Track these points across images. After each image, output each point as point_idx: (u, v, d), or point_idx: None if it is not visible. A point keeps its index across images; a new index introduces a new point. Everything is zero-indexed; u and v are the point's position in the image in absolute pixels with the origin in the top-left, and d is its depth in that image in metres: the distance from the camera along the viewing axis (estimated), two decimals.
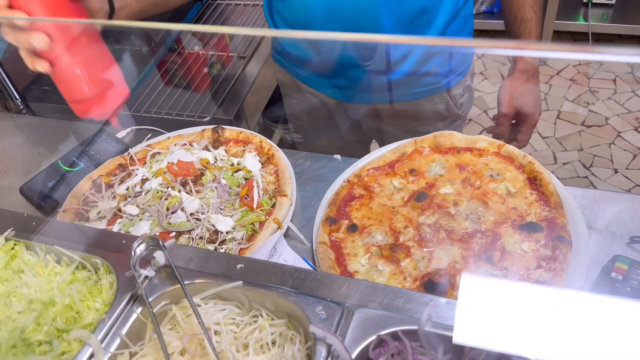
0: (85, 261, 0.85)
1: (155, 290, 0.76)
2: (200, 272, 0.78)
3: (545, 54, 1.07)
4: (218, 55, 1.81)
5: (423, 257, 1.04)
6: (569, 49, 0.59)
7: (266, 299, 0.75)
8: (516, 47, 0.74)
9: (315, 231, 1.13)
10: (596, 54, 0.61)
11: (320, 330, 0.66)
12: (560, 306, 0.68)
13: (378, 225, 1.11)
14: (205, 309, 0.75)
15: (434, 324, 0.68)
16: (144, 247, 0.77)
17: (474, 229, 1.05)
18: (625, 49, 0.54)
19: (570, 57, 0.63)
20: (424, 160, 1.22)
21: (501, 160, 1.17)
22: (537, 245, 1.01)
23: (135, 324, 0.74)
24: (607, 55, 0.61)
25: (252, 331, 0.73)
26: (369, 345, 0.67)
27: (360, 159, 1.26)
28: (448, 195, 1.13)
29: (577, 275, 0.95)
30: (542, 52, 0.84)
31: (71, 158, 1.41)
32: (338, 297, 0.73)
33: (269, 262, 0.83)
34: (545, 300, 0.69)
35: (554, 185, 1.08)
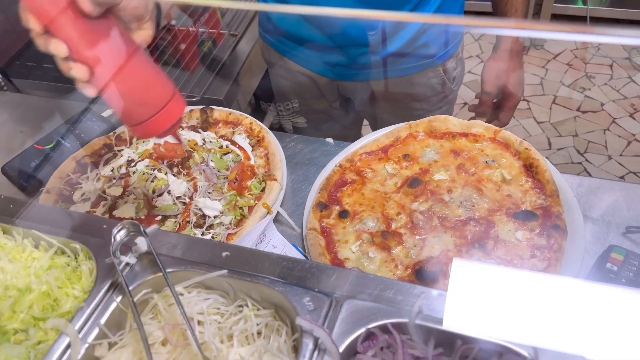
0: (64, 246, 0.82)
1: (136, 278, 0.73)
2: (184, 259, 0.75)
3: (543, 34, 1.03)
4: (209, 33, 1.75)
5: (415, 244, 1.01)
6: (567, 29, 0.56)
7: (252, 289, 0.72)
8: (515, 26, 0.71)
9: (306, 217, 1.10)
10: (595, 34, 0.58)
11: (308, 323, 0.63)
12: (551, 293, 0.66)
13: (370, 211, 1.08)
14: (188, 298, 0.72)
15: (424, 317, 0.66)
16: (125, 233, 0.74)
17: (468, 217, 1.03)
18: (624, 30, 0.51)
19: (567, 39, 0.60)
20: (418, 145, 1.19)
21: (497, 147, 1.14)
22: (532, 234, 0.98)
23: (115, 313, 0.71)
24: (606, 36, 0.58)
25: (237, 321, 0.71)
26: (357, 339, 0.65)
27: (353, 143, 1.23)
28: (442, 182, 1.10)
29: (571, 265, 0.93)
30: (541, 32, 0.81)
31: (55, 137, 1.36)
32: (326, 287, 0.70)
33: (255, 250, 0.80)
34: (536, 287, 0.67)
35: (550, 173, 1.05)
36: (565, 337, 0.63)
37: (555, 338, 0.63)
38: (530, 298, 0.65)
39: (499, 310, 0.64)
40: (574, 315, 0.64)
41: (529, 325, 0.64)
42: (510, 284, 0.67)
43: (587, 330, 0.63)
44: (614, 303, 0.66)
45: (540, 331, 0.63)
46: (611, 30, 0.52)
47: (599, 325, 0.63)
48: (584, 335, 0.63)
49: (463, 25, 0.98)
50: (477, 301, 0.64)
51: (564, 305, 0.64)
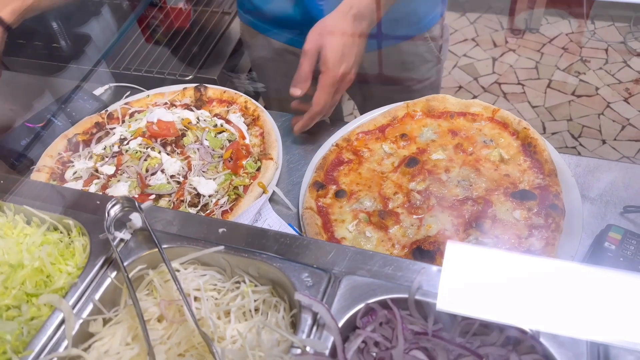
0: (57, 222, 0.80)
1: (131, 254, 0.72)
2: (180, 235, 0.73)
3: None
4: (202, 11, 1.72)
5: (412, 224, 1.00)
6: None
7: (249, 265, 0.71)
8: None
9: (302, 196, 1.08)
10: None
11: (306, 298, 0.62)
12: (543, 274, 0.66)
13: (367, 191, 1.07)
14: (184, 275, 0.71)
15: (424, 293, 0.65)
16: (119, 208, 0.72)
17: (465, 196, 1.02)
18: None
19: None
20: (415, 125, 1.18)
21: (495, 126, 1.13)
22: (530, 213, 0.98)
23: (110, 289, 0.70)
24: None
25: (234, 298, 0.70)
26: (356, 314, 0.64)
27: (350, 122, 1.22)
28: (439, 161, 1.09)
29: (569, 245, 0.93)
30: None
31: (45, 115, 1.34)
32: (325, 264, 0.70)
33: (252, 227, 0.79)
34: (528, 268, 0.66)
35: (548, 153, 1.05)
36: (562, 317, 0.63)
37: (550, 319, 0.62)
38: (522, 279, 0.64)
39: (493, 291, 0.63)
40: (567, 295, 0.64)
41: (522, 306, 0.63)
42: (504, 266, 0.67)
43: (582, 310, 0.63)
44: (604, 283, 0.66)
45: (533, 312, 0.63)
46: None
47: (593, 305, 0.63)
48: (579, 315, 0.63)
49: None
50: (470, 282, 0.64)
51: (557, 286, 0.64)
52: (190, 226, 0.75)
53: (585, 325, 0.61)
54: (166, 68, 1.54)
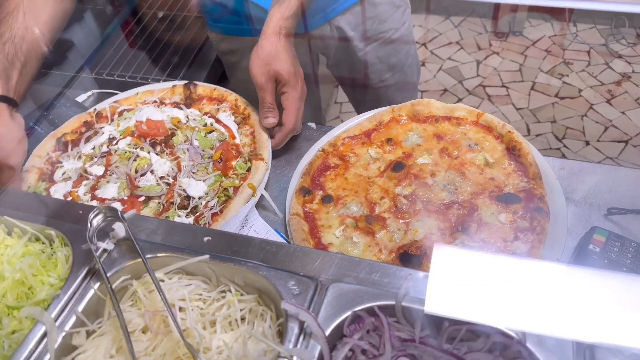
0: (38, 233, 0.79)
1: (114, 265, 0.71)
2: (164, 245, 0.72)
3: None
4: (185, 17, 1.71)
5: (399, 228, 1.00)
6: None
7: (235, 274, 0.70)
8: None
9: (289, 202, 1.08)
10: None
11: (293, 307, 0.62)
12: (529, 276, 0.66)
13: (353, 196, 1.07)
14: (169, 285, 0.70)
15: (411, 299, 0.65)
16: (101, 218, 0.71)
17: (451, 200, 1.03)
18: None
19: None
20: (401, 129, 1.18)
21: (480, 130, 1.13)
22: (515, 216, 0.98)
23: (93, 301, 0.69)
24: None
25: (219, 307, 0.69)
26: (343, 321, 0.64)
27: (336, 127, 1.21)
28: (425, 166, 1.10)
29: (554, 247, 0.94)
30: None
31: (28, 123, 1.32)
32: (311, 271, 0.69)
33: (238, 235, 0.78)
34: (515, 271, 0.67)
35: (532, 156, 1.05)
36: (548, 318, 0.64)
37: (539, 320, 0.63)
38: (510, 281, 0.65)
39: (480, 293, 0.63)
40: (556, 297, 0.64)
41: (512, 308, 0.63)
42: (491, 268, 0.67)
43: (570, 311, 0.63)
44: (596, 284, 0.67)
45: (522, 314, 0.63)
46: None
47: (582, 306, 0.64)
48: (568, 316, 0.64)
49: None
50: (458, 285, 0.64)
51: (545, 288, 0.64)
52: (175, 235, 0.75)
53: (572, 326, 0.62)
54: (150, 74, 1.53)
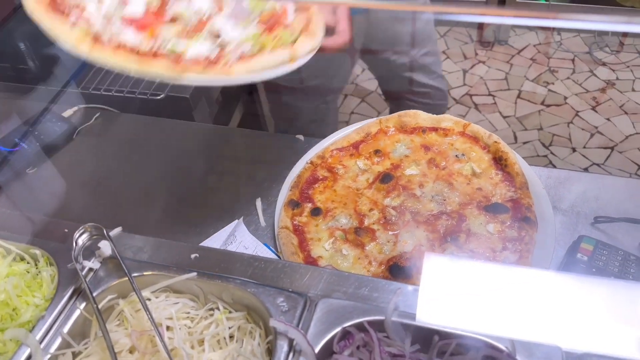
0: (23, 252, 0.77)
1: (100, 284, 0.70)
2: (151, 263, 0.72)
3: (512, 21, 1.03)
4: None
5: (388, 240, 1.00)
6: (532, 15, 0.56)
7: (223, 291, 0.70)
8: (480, 12, 0.71)
9: (277, 215, 1.08)
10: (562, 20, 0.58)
11: (282, 324, 0.61)
12: (522, 285, 0.67)
13: (342, 208, 1.07)
14: (156, 303, 0.69)
15: (400, 314, 0.65)
16: (87, 236, 0.70)
17: (440, 211, 1.03)
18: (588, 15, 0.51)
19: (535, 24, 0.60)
20: (389, 141, 1.18)
21: (466, 140, 1.14)
22: (503, 226, 0.99)
23: (79, 321, 0.68)
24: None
25: (207, 325, 0.68)
26: (333, 338, 0.64)
27: (324, 140, 1.21)
28: (413, 177, 1.10)
29: (543, 257, 0.94)
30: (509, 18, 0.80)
31: (13, 139, 1.30)
32: (300, 287, 0.69)
33: (226, 251, 0.78)
34: (506, 279, 0.67)
35: (519, 166, 1.06)
36: (538, 327, 0.64)
37: (529, 329, 0.63)
38: (501, 290, 0.65)
39: (471, 303, 0.64)
40: (546, 305, 0.65)
41: (502, 317, 0.64)
42: (482, 277, 0.67)
43: (560, 320, 0.64)
44: (585, 292, 0.67)
45: (513, 322, 0.63)
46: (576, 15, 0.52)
47: (571, 314, 0.64)
48: (557, 325, 0.64)
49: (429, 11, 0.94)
50: (449, 295, 0.64)
51: (535, 297, 0.65)
52: (162, 252, 0.74)
53: (563, 335, 0.62)
54: (137, 87, 1.52)
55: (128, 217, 1.11)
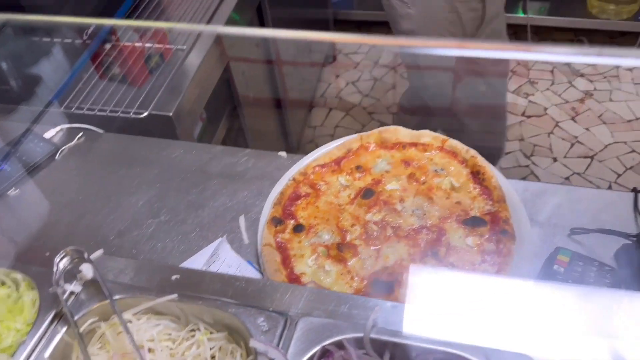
0: (4, 277, 0.78)
1: (82, 307, 0.71)
2: (132, 285, 0.72)
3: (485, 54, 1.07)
4: (156, 48, 1.72)
5: (370, 255, 1.02)
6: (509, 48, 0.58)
7: (204, 312, 0.70)
8: (457, 45, 0.74)
9: (260, 232, 1.09)
10: (533, 52, 0.61)
11: (262, 345, 0.62)
12: (506, 296, 0.68)
13: (325, 224, 1.08)
14: (137, 325, 0.70)
15: (379, 330, 0.66)
16: (68, 260, 0.71)
17: (420, 225, 1.05)
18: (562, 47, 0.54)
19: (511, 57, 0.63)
20: (370, 157, 1.20)
21: (445, 155, 1.16)
22: (482, 239, 1.01)
23: (60, 345, 0.68)
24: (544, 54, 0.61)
25: (189, 347, 0.69)
26: (313, 356, 0.65)
27: (306, 156, 1.23)
28: (394, 192, 1.12)
29: (521, 269, 0.96)
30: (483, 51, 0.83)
31: None
32: (281, 306, 0.70)
33: (206, 272, 0.79)
34: (490, 291, 0.69)
35: (496, 179, 1.08)
36: (514, 338, 0.65)
37: (505, 340, 0.65)
38: (486, 302, 0.67)
39: (456, 315, 0.65)
40: (522, 315, 0.66)
41: (485, 328, 0.65)
42: (466, 289, 0.69)
43: (536, 329, 0.65)
44: (562, 302, 0.69)
45: (496, 334, 0.65)
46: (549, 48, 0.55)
47: (548, 324, 0.66)
48: (533, 335, 0.65)
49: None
50: (432, 308, 0.66)
51: (513, 307, 0.66)
52: (143, 274, 0.75)
53: (538, 344, 0.64)
54: (120, 106, 1.53)
55: (111, 237, 1.12)
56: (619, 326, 0.67)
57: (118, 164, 1.30)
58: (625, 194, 1.10)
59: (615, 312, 0.69)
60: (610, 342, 0.67)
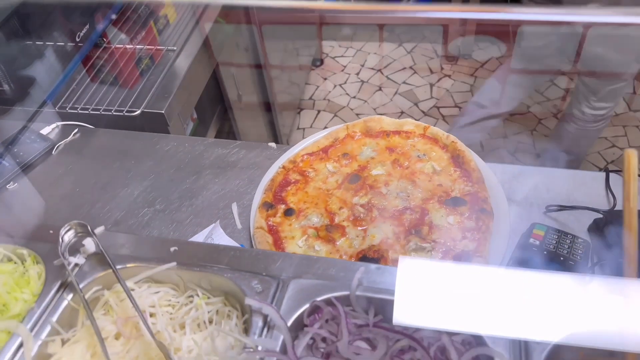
0: (10, 253, 0.82)
1: (85, 277, 0.75)
2: (133, 256, 0.77)
3: None
4: (146, 49, 1.77)
5: (357, 235, 1.07)
6: None
7: (201, 279, 0.75)
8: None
9: (252, 217, 1.13)
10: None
11: (256, 302, 0.67)
12: (489, 283, 0.72)
13: (314, 208, 1.14)
14: (139, 293, 0.74)
15: (365, 288, 0.71)
16: (72, 234, 0.75)
17: (404, 206, 1.10)
18: None
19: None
20: (355, 145, 1.26)
21: (427, 142, 1.22)
22: (462, 217, 1.06)
23: (67, 311, 0.73)
24: None
25: (188, 311, 0.73)
26: (304, 313, 0.69)
27: (295, 146, 1.28)
28: (379, 176, 1.17)
29: (499, 243, 1.02)
30: None
31: None
32: (274, 271, 0.75)
33: (203, 243, 0.84)
34: (474, 278, 0.73)
35: (475, 162, 1.15)
36: (505, 321, 0.69)
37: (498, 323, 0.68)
38: (471, 288, 0.70)
39: (440, 299, 0.69)
40: (513, 301, 0.70)
41: (473, 312, 0.69)
42: (453, 277, 0.73)
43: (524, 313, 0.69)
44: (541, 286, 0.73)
45: (482, 318, 0.69)
46: None
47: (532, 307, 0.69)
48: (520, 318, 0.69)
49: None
50: (422, 294, 0.69)
51: (504, 294, 0.70)
52: (143, 247, 0.79)
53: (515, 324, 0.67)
54: (113, 105, 1.58)
55: (108, 225, 1.16)
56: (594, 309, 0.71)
57: (113, 158, 1.34)
58: (597, 174, 1.16)
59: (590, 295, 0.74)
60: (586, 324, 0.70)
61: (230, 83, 2.14)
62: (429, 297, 0.69)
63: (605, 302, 0.69)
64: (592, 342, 0.65)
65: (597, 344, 0.64)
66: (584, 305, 0.70)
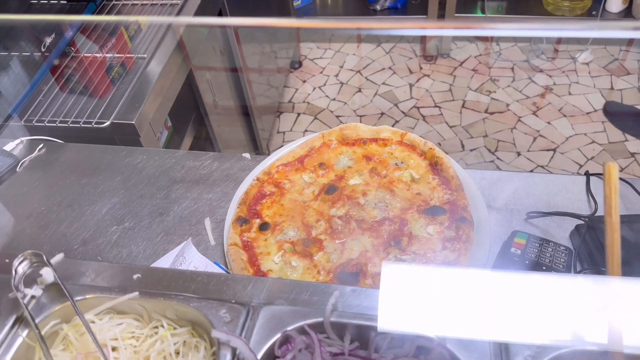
0: None
1: (43, 310, 0.70)
2: (93, 286, 0.72)
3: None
4: (117, 58, 1.72)
5: (335, 249, 1.03)
6: None
7: (166, 308, 0.71)
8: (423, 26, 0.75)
9: (226, 233, 1.09)
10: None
11: (223, 334, 0.63)
12: (471, 286, 0.70)
13: (290, 221, 1.10)
14: (100, 325, 0.70)
15: (339, 314, 0.67)
16: (27, 264, 0.70)
17: (383, 217, 1.07)
18: None
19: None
20: (332, 153, 1.23)
21: (404, 149, 1.19)
22: (442, 227, 1.03)
23: (22, 349, 0.68)
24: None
25: (153, 343, 0.69)
26: (274, 343, 0.66)
27: (269, 156, 1.24)
28: (357, 186, 1.14)
29: (480, 253, 0.99)
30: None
31: None
32: (243, 297, 0.71)
33: (168, 269, 0.79)
34: (456, 281, 0.70)
35: (454, 169, 1.12)
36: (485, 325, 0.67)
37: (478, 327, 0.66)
38: (455, 293, 0.68)
39: (427, 306, 0.67)
40: (492, 304, 0.68)
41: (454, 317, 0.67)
42: (435, 282, 0.70)
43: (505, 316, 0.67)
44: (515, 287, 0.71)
45: (463, 323, 0.66)
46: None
47: (501, 308, 0.67)
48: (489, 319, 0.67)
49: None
50: (406, 300, 0.67)
51: (485, 297, 0.68)
52: (104, 275, 0.75)
53: (494, 327, 0.66)
54: (82, 116, 1.52)
55: (75, 245, 1.11)
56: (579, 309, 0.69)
57: (80, 173, 1.29)
58: (578, 178, 1.14)
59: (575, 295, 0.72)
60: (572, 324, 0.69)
61: (206, 88, 2.09)
62: (413, 301, 0.67)
63: (589, 304, 0.67)
64: (576, 343, 0.64)
65: (581, 345, 0.63)
66: (567, 307, 0.68)
